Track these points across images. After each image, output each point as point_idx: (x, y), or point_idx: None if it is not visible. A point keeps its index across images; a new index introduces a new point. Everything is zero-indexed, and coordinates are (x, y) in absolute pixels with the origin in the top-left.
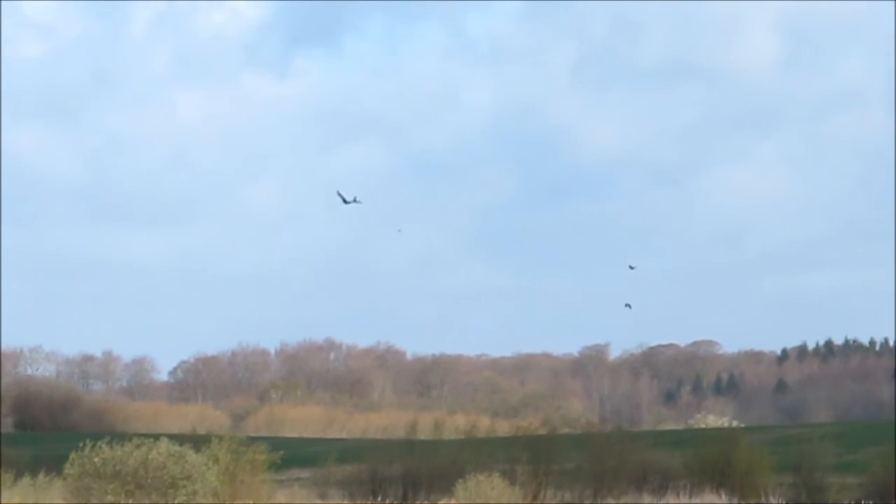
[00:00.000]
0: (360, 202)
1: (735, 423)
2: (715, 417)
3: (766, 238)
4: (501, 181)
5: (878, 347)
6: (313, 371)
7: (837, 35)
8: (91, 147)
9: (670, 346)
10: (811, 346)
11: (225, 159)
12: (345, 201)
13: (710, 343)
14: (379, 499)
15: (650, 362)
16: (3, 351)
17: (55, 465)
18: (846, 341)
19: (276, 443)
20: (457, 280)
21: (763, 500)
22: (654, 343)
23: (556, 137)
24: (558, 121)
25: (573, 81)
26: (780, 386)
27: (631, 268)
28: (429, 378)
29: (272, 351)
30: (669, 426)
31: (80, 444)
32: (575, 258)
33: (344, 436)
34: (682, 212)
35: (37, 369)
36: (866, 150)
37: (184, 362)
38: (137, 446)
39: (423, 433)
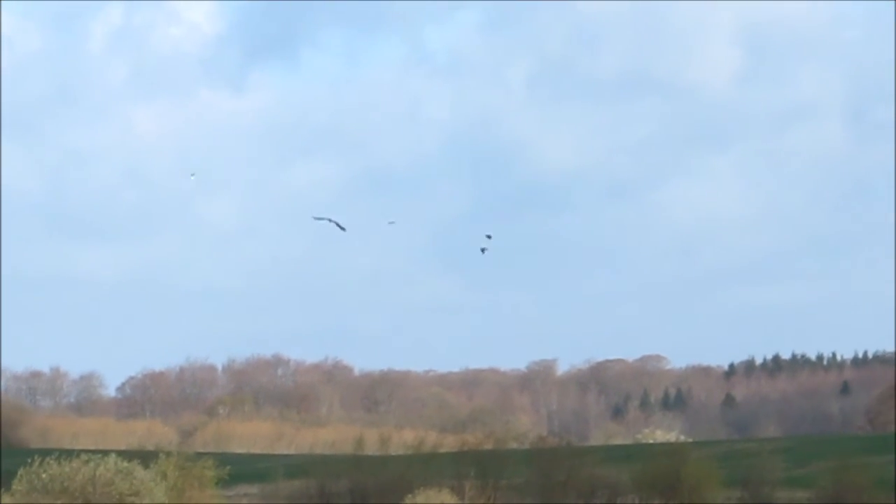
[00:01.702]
0: (343, 228)
1: (683, 438)
2: (663, 432)
3: (718, 252)
4: (457, 195)
5: (825, 362)
6: (261, 386)
7: (795, 49)
8: (49, 162)
9: (618, 361)
10: (759, 360)
11: (181, 174)
12: (329, 221)
13: (658, 358)
14: None
15: (598, 377)
16: None
17: (3, 481)
18: (794, 356)
19: (223, 458)
20: (409, 295)
21: None
22: (601, 358)
23: (512, 151)
24: (515, 135)
25: (530, 95)
26: (728, 401)
27: (488, 237)
28: (376, 393)
29: (220, 367)
30: (618, 441)
31: (28, 461)
32: (529, 273)
33: (292, 451)
34: (636, 226)
35: None
36: (822, 164)
37: (132, 378)
38: (85, 462)
39: (371, 448)
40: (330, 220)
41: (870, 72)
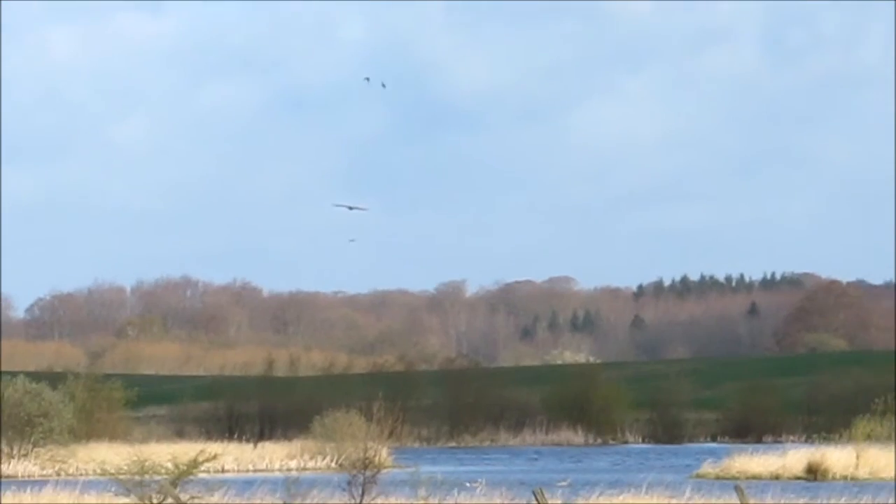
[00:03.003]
0: (364, 209)
1: (592, 360)
2: (572, 353)
3: (630, 174)
4: (371, 117)
5: (734, 284)
6: (170, 308)
7: None
8: None
9: (527, 282)
10: (667, 282)
11: (96, 96)
12: (349, 208)
13: (567, 279)
14: (235, 436)
15: (507, 299)
16: None
17: None
18: (702, 278)
19: (132, 380)
20: (320, 217)
21: (620, 436)
22: (510, 279)
23: (428, 74)
24: (431, 57)
25: (447, 16)
26: (637, 322)
27: (366, 79)
28: (285, 315)
29: (128, 288)
30: (526, 362)
31: None
32: (440, 194)
33: (201, 372)
34: (549, 148)
35: None
36: (737, 87)
37: (40, 300)
38: None
39: (281, 370)
40: (350, 207)
41: None
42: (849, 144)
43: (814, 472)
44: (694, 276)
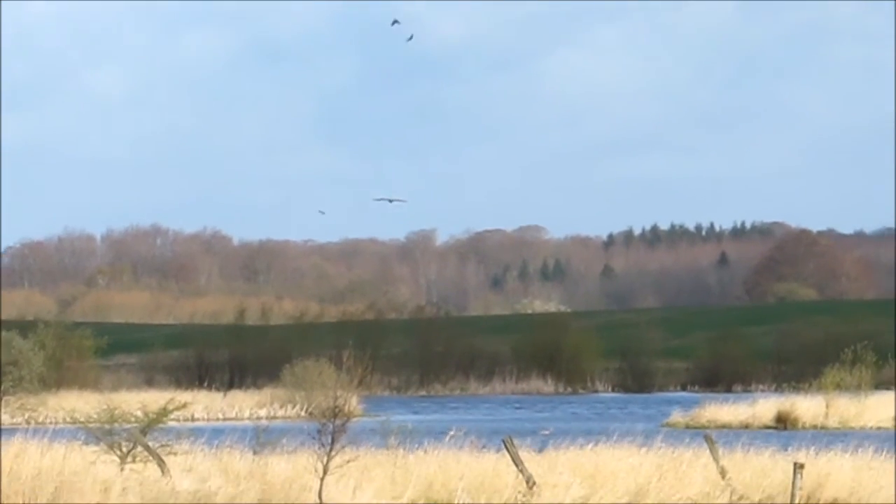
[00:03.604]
0: (403, 200)
1: (562, 309)
2: (542, 303)
3: (603, 124)
4: (345, 67)
5: (704, 233)
6: (140, 256)
7: None
8: None
9: (497, 231)
10: (637, 231)
11: (71, 45)
12: (390, 201)
13: (537, 228)
14: (205, 384)
15: (477, 248)
16: None
17: None
18: (672, 227)
19: (102, 328)
20: (293, 166)
21: (590, 385)
22: (480, 228)
23: (402, 23)
24: (404, 6)
25: None
26: (607, 271)
27: (395, 22)
28: (255, 263)
29: (98, 237)
30: (496, 311)
31: None
32: (412, 144)
33: (171, 321)
34: (521, 98)
35: None
36: (713, 39)
37: (10, 248)
38: None
39: (251, 319)
40: (391, 200)
41: None
42: (822, 96)
43: (783, 422)
44: (664, 226)
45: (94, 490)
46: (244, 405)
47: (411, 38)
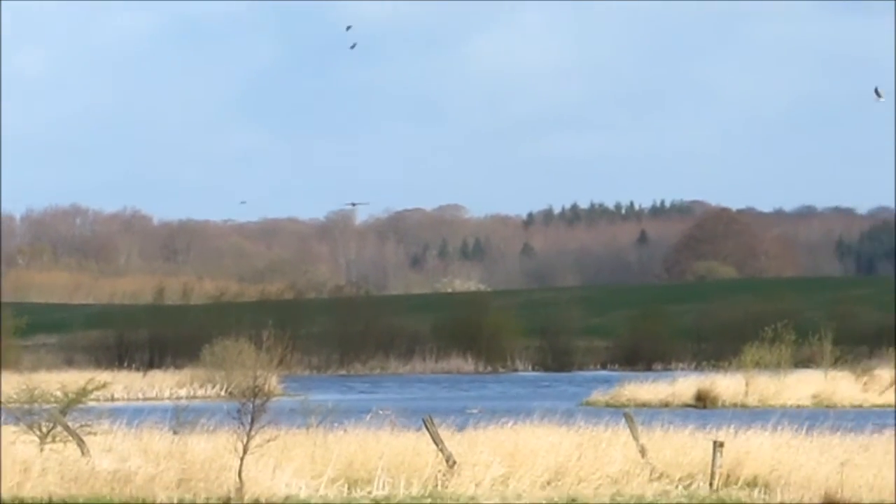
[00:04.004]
0: (366, 203)
1: (482, 288)
2: (462, 282)
3: (524, 103)
4: (267, 46)
5: (623, 211)
6: (59, 236)
7: None
8: None
9: (416, 210)
10: (557, 210)
11: None
12: (353, 205)
13: (457, 207)
14: (125, 364)
15: (396, 226)
16: None
17: None
18: (592, 205)
19: (22, 308)
20: (214, 146)
21: (510, 364)
22: (400, 208)
23: (325, 3)
24: None
25: None
26: (527, 250)
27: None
28: (175, 243)
29: (18, 216)
30: (416, 291)
31: None
32: (334, 123)
33: (91, 301)
34: (444, 77)
35: None
36: (635, 17)
37: None
38: None
39: (171, 299)
40: (354, 204)
41: None
42: (741, 75)
43: (703, 400)
44: (584, 205)
45: (14, 470)
46: (164, 385)
47: (354, 46)
